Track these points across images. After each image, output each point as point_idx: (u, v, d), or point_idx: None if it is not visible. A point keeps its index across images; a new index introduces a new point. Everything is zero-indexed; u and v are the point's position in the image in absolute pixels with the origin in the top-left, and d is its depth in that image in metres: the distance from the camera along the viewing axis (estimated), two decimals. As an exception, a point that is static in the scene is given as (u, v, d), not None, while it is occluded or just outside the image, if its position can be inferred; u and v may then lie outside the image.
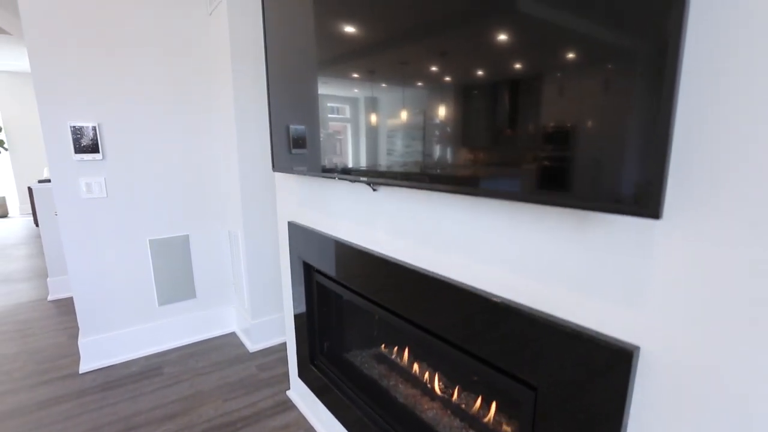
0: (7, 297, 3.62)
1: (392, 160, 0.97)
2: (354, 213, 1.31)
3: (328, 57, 1.17)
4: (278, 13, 1.45)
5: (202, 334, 2.73)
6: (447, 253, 0.95)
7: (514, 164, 0.69)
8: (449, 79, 0.79)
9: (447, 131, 0.82)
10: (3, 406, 2.08)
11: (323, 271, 1.53)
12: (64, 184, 2.15)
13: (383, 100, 0.98)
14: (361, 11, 0.99)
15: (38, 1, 1.97)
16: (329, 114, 1.21)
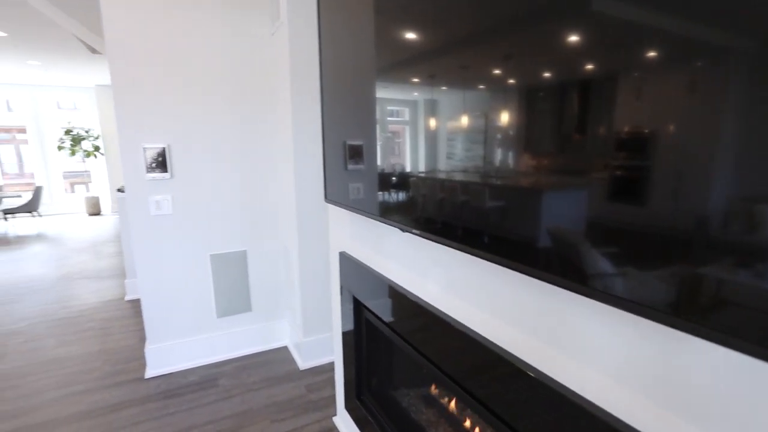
0: (95, 294, 3.98)
1: (446, 213, 0.86)
2: (405, 258, 1.21)
3: (385, 71, 1.08)
4: (334, 25, 1.39)
5: (256, 347, 2.78)
6: (518, 330, 0.82)
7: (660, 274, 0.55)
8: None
9: (523, 207, 0.69)
10: (82, 405, 2.25)
11: (372, 310, 1.45)
12: (137, 201, 2.29)
13: (442, 124, 0.87)
14: (424, 17, 0.90)
15: (119, 35, 2.11)
16: (382, 149, 1.13)
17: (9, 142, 8.92)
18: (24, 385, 2.46)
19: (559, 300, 0.72)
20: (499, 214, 0.75)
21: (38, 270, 4.84)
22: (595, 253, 0.59)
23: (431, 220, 0.93)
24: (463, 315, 0.96)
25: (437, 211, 0.91)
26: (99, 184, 9.29)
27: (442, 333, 1.02)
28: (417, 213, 0.99)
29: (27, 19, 4.23)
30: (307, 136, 2.33)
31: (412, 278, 1.18)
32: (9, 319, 3.41)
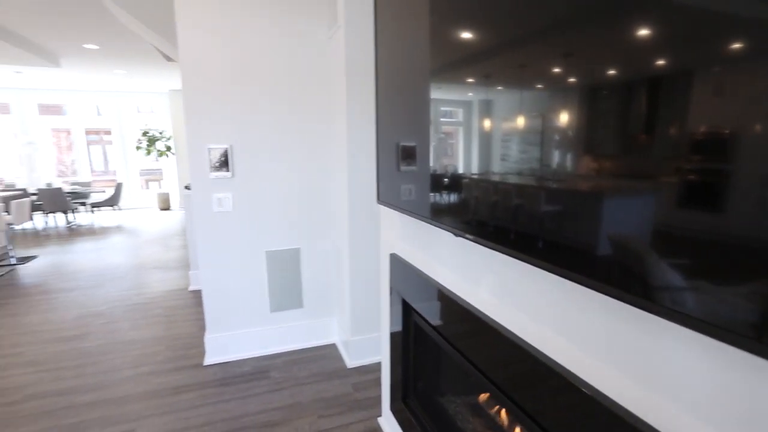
0: (162, 283, 4.31)
1: (500, 218, 0.83)
2: (457, 262, 1.19)
3: (439, 72, 1.07)
4: (389, 27, 1.40)
5: (306, 343, 2.86)
6: (587, 352, 0.78)
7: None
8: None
9: (590, 211, 0.65)
10: (150, 385, 2.44)
11: (421, 313, 1.43)
12: (201, 198, 2.44)
13: (497, 129, 0.84)
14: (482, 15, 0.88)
15: (189, 47, 2.27)
16: (435, 148, 1.11)
17: (97, 143, 9.90)
18: (103, 362, 2.72)
19: (628, 318, 0.66)
20: (558, 219, 0.71)
21: (117, 259, 5.33)
22: (663, 265, 0.54)
23: (485, 224, 0.91)
24: (516, 325, 0.93)
25: (491, 215, 0.88)
26: (169, 181, 10.05)
27: (492, 342, 0.98)
28: (470, 216, 0.97)
29: (115, 33, 4.67)
30: (361, 138, 2.36)
31: (463, 283, 1.15)
32: (93, 302, 3.78)
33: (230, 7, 2.31)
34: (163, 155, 9.34)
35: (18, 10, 3.98)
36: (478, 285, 1.07)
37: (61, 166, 9.76)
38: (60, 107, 9.36)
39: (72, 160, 9.75)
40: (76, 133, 9.46)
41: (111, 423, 2.12)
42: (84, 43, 5.18)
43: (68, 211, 7.70)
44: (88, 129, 9.58)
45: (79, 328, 3.23)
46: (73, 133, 9.47)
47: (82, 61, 6.18)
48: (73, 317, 3.45)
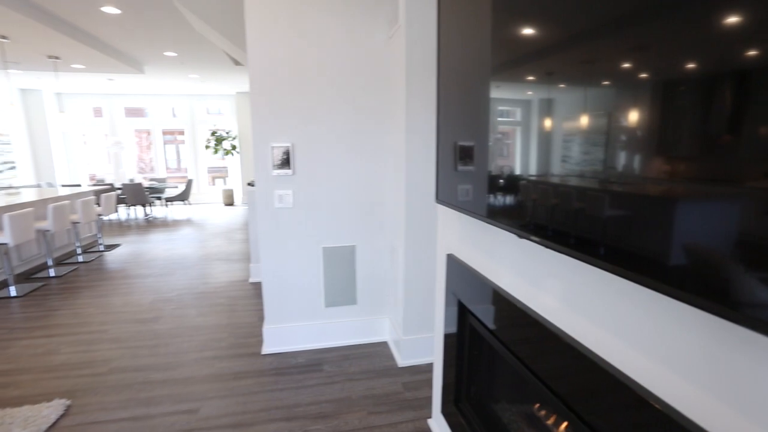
0: (226, 274, 4.58)
1: (567, 221, 0.78)
2: (517, 265, 1.15)
3: (501, 70, 1.04)
4: (451, 25, 1.38)
5: (358, 339, 2.91)
6: (664, 367, 0.72)
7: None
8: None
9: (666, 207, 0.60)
10: (212, 369, 2.60)
11: (477, 316, 1.40)
12: (264, 194, 2.57)
13: (558, 129, 0.80)
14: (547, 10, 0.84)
15: (257, 51, 2.39)
16: (496, 143, 1.08)
17: (171, 142, 10.75)
18: (173, 344, 2.94)
19: (723, 335, 0.60)
20: (637, 224, 0.66)
21: (186, 249, 5.74)
22: (749, 278, 0.48)
23: (551, 227, 0.87)
24: (583, 333, 0.87)
25: (561, 217, 0.84)
26: (233, 178, 10.67)
27: (555, 349, 0.94)
28: (535, 218, 0.93)
29: (191, 41, 5.05)
30: (420, 138, 2.36)
31: (525, 287, 1.11)
32: (165, 288, 4.11)
33: (295, 12, 2.41)
34: (228, 154, 9.94)
35: (114, 25, 4.43)
36: (541, 289, 1.03)
37: (141, 164, 10.71)
38: (142, 110, 10.27)
39: (150, 158, 10.67)
40: (155, 133, 10.33)
41: (179, 401, 2.28)
42: (164, 51, 5.64)
43: (146, 205, 8.42)
44: (165, 130, 10.42)
45: (153, 312, 3.52)
46: (152, 134, 10.35)
47: (162, 67, 6.74)
48: (149, 301, 3.77)
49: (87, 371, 2.59)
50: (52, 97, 9.22)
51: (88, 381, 2.48)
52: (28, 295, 3.97)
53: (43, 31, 4.29)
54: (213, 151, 9.86)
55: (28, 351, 2.86)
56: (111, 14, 4.11)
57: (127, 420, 2.13)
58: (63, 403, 2.23)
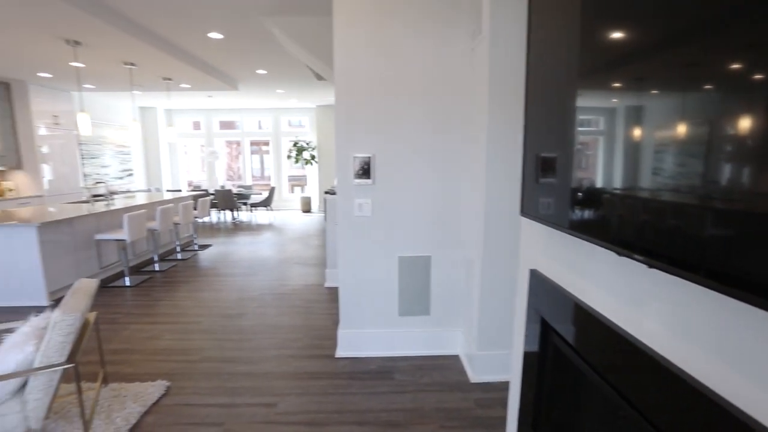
0: (302, 277, 4.82)
1: (685, 237, 0.72)
2: (615, 285, 1.07)
3: (593, 76, 0.99)
4: (540, 33, 1.35)
5: (430, 350, 2.88)
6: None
7: None
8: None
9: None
10: (290, 367, 2.75)
11: (564, 336, 1.32)
12: (344, 202, 2.68)
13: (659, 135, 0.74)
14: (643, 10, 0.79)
15: (343, 68, 2.53)
16: (584, 147, 1.03)
17: (256, 153, 11.63)
18: (256, 339, 3.15)
19: None
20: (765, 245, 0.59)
21: (268, 252, 6.14)
22: None
23: (656, 245, 0.80)
24: (697, 366, 0.79)
25: (668, 235, 0.78)
26: (311, 187, 11.24)
27: (661, 381, 0.85)
28: (638, 235, 0.86)
29: (280, 59, 5.45)
30: (500, 149, 2.31)
31: (622, 309, 1.03)
32: (249, 287, 4.43)
33: (379, 27, 2.50)
34: (308, 163, 10.51)
35: (216, 48, 4.95)
36: (643, 313, 0.95)
37: (229, 172, 11.72)
38: (233, 123, 11.27)
39: (238, 167, 11.63)
40: (244, 144, 11.26)
41: (260, 394, 2.44)
42: (257, 69, 6.16)
43: (234, 209, 9.18)
44: (252, 141, 11.32)
45: (239, 308, 3.81)
46: (241, 145, 11.30)
47: (253, 84, 7.35)
48: (235, 298, 4.09)
49: (183, 357, 2.87)
50: (163, 114, 10.49)
51: (184, 366, 2.74)
52: (138, 286, 4.52)
53: (162, 58, 4.92)
54: (294, 160, 10.50)
55: (138, 335, 3.25)
56: (215, 39, 4.60)
57: (215, 406, 2.32)
58: (164, 384, 2.50)
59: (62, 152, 7.14)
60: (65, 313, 1.79)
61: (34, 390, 1.75)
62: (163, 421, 2.18)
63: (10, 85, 6.40)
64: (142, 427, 2.13)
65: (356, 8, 2.48)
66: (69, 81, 6.38)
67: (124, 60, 5.09)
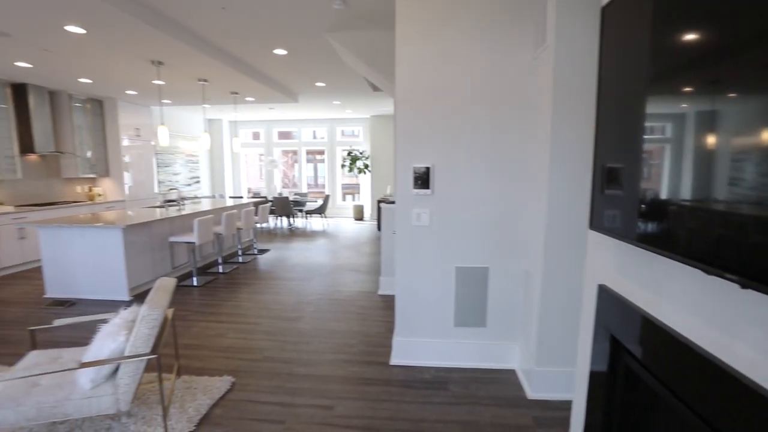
0: (356, 284, 4.92)
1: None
2: (698, 303, 1.01)
3: (669, 81, 0.95)
4: (612, 39, 1.31)
5: (485, 363, 2.83)
6: None
7: None
8: None
9: None
10: (344, 371, 2.81)
11: (639, 357, 1.26)
12: (404, 211, 2.72)
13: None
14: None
15: (404, 82, 2.59)
16: (658, 156, 0.99)
17: (312, 161, 12.06)
18: (313, 342, 3.27)
19: None
20: None
21: (322, 258, 6.33)
22: None
23: (749, 262, 0.76)
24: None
25: (761, 251, 0.73)
26: (364, 195, 11.44)
27: (757, 412, 0.80)
28: (725, 251, 0.82)
29: (339, 71, 5.66)
30: (565, 160, 2.25)
31: (709, 332, 0.98)
32: (305, 292, 4.60)
33: (440, 37, 2.54)
34: (361, 172, 10.73)
35: (280, 63, 5.24)
36: (734, 337, 0.89)
37: (285, 179, 12.23)
38: (290, 133, 11.78)
39: (293, 175, 12.11)
40: (300, 153, 11.72)
41: (317, 395, 2.52)
42: (316, 82, 6.43)
43: (290, 216, 9.56)
44: (308, 150, 11.75)
45: (296, 311, 3.97)
46: (298, 154, 11.77)
47: (312, 96, 7.67)
48: (293, 302, 4.25)
49: (246, 356, 3.03)
50: (227, 125, 11.21)
51: (247, 364, 2.90)
52: (204, 286, 4.84)
53: (231, 74, 5.30)
54: (348, 169, 10.77)
55: (205, 332, 3.48)
56: (280, 55, 4.87)
57: (276, 404, 2.43)
58: (229, 380, 2.65)
59: (140, 161, 7.84)
60: (151, 308, 1.98)
61: (125, 376, 1.94)
62: (229, 415, 2.31)
63: (103, 102, 7.17)
64: (211, 418, 2.28)
65: (418, 20, 2.54)
66: (150, 97, 7.03)
67: (198, 77, 5.52)
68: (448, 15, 2.52)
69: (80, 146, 6.71)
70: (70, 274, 4.36)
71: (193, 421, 2.21)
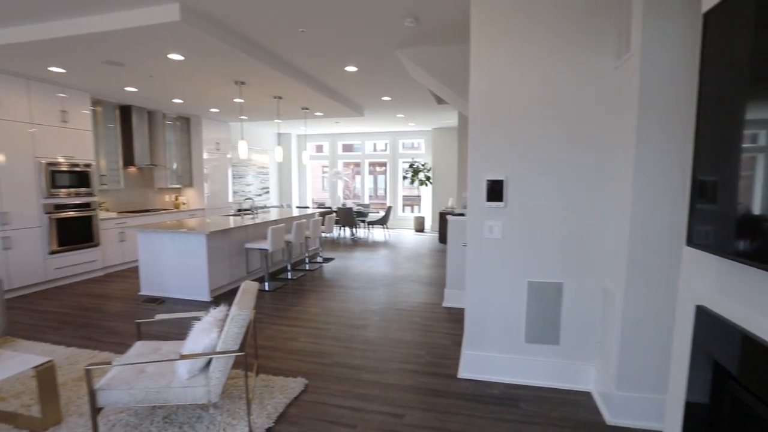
0: (419, 295, 4.94)
1: None
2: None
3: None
4: (717, 52, 1.25)
5: (558, 382, 2.71)
6: None
7: None
8: None
9: None
10: (412, 381, 2.84)
11: (751, 388, 1.17)
12: (475, 224, 2.72)
13: None
14: None
15: (479, 96, 2.61)
16: None
17: (373, 173, 12.33)
18: (380, 351, 3.33)
19: None
20: None
21: (385, 268, 6.43)
22: None
23: None
24: None
25: None
26: (424, 207, 11.47)
27: None
28: None
29: (405, 85, 5.79)
30: (650, 172, 2.14)
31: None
32: (370, 301, 4.70)
33: (516, 49, 2.53)
34: (423, 184, 10.79)
35: (350, 80, 5.48)
36: None
37: (346, 191, 12.59)
38: (351, 146, 12.16)
39: (354, 186, 12.44)
40: (363, 165, 12.04)
41: (387, 403, 2.56)
42: (382, 96, 6.62)
43: (353, 226, 9.82)
44: (371, 162, 12.04)
45: (362, 320, 4.07)
46: (360, 165, 12.10)
47: (377, 110, 7.89)
48: (359, 310, 4.37)
49: (317, 360, 3.16)
50: (295, 138, 11.84)
51: (318, 368, 3.02)
52: (275, 291, 5.12)
53: (304, 90, 5.63)
54: (409, 181, 10.88)
55: (278, 334, 3.68)
56: (350, 72, 5.10)
57: (347, 408, 2.50)
58: (303, 382, 2.78)
59: (217, 173, 8.50)
60: (240, 309, 2.15)
61: (216, 370, 2.12)
62: (304, 415, 2.43)
63: (190, 119, 7.93)
64: (288, 417, 2.41)
65: (494, 32, 2.56)
66: (230, 114, 7.64)
67: (274, 94, 5.92)
68: (522, 28, 2.51)
69: (170, 159, 7.45)
70: (161, 274, 4.83)
71: (272, 418, 2.35)
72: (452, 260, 4.34)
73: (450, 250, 4.36)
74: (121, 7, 3.20)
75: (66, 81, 5.12)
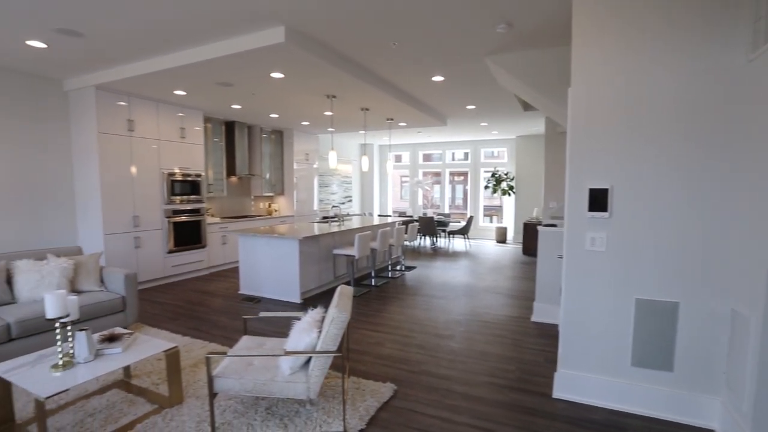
0: (504, 308, 4.76)
1: None
2: None
3: None
4: None
5: (671, 414, 2.43)
6: None
7: None
8: None
9: None
10: (503, 396, 2.74)
11: None
12: (575, 235, 2.56)
13: None
14: None
15: (580, 94, 2.48)
16: None
17: (453, 182, 12.20)
18: (466, 362, 3.27)
19: None
20: None
21: (467, 279, 6.31)
22: None
23: None
24: None
25: None
26: (507, 217, 11.06)
27: None
28: None
29: (491, 93, 5.69)
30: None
31: None
32: (454, 311, 4.64)
33: (624, 46, 2.37)
34: (505, 194, 10.43)
35: (435, 90, 5.53)
36: None
37: (425, 200, 12.60)
38: (431, 155, 12.16)
39: (434, 196, 12.40)
40: (444, 174, 11.99)
41: (477, 416, 2.50)
42: (467, 105, 6.57)
43: (434, 236, 9.80)
44: (452, 171, 11.94)
45: (447, 330, 4.02)
46: (441, 175, 12.07)
47: (461, 119, 7.83)
48: (443, 320, 4.33)
49: (404, 367, 3.19)
50: (377, 149, 12.18)
51: (406, 375, 3.05)
52: (360, 296, 5.28)
53: (390, 101, 5.79)
54: (492, 191, 10.59)
55: (366, 339, 3.78)
56: (437, 81, 5.14)
57: (436, 418, 2.49)
58: (392, 387, 2.83)
59: (305, 182, 9.04)
60: (340, 311, 2.26)
61: (316, 368, 2.24)
62: (394, 420, 2.46)
63: (283, 132, 8.58)
64: (378, 420, 2.46)
65: (598, 30, 2.42)
66: (319, 126, 8.11)
67: (362, 106, 6.17)
68: (631, 21, 2.34)
69: (264, 169, 8.11)
70: (257, 275, 5.25)
71: (364, 420, 2.42)
72: (543, 273, 4.13)
73: (540, 262, 4.15)
74: (234, 34, 3.59)
75: (185, 102, 5.85)
